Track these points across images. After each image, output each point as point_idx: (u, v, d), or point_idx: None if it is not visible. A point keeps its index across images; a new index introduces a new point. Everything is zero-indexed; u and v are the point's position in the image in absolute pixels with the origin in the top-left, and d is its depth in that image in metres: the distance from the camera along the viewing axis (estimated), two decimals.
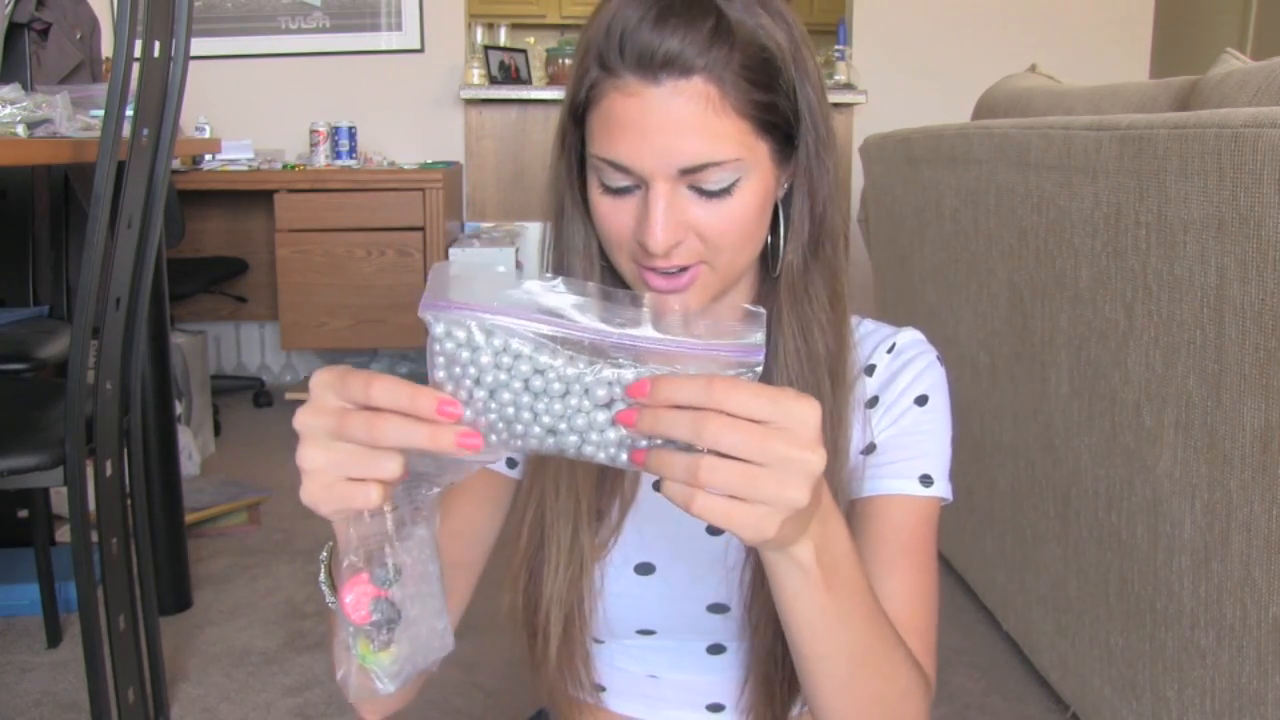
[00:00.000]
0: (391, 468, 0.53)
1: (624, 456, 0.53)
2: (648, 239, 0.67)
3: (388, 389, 0.52)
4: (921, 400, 0.80)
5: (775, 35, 0.68)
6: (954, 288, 1.98)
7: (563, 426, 0.53)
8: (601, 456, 0.53)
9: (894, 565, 0.76)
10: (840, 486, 0.76)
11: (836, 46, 3.96)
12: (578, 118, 0.71)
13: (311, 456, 0.53)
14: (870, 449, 0.79)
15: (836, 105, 3.80)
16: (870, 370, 0.81)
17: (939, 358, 0.82)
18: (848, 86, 3.79)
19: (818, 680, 0.66)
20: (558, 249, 0.77)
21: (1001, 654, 1.91)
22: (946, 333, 2.04)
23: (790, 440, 0.50)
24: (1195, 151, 1.15)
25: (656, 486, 0.53)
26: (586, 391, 0.52)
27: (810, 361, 0.75)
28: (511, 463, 0.85)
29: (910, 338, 0.82)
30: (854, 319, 0.81)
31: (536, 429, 0.53)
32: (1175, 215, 1.21)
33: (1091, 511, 1.49)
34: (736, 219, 0.69)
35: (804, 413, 0.51)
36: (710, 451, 0.50)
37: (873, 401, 0.80)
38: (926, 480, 0.79)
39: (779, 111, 0.69)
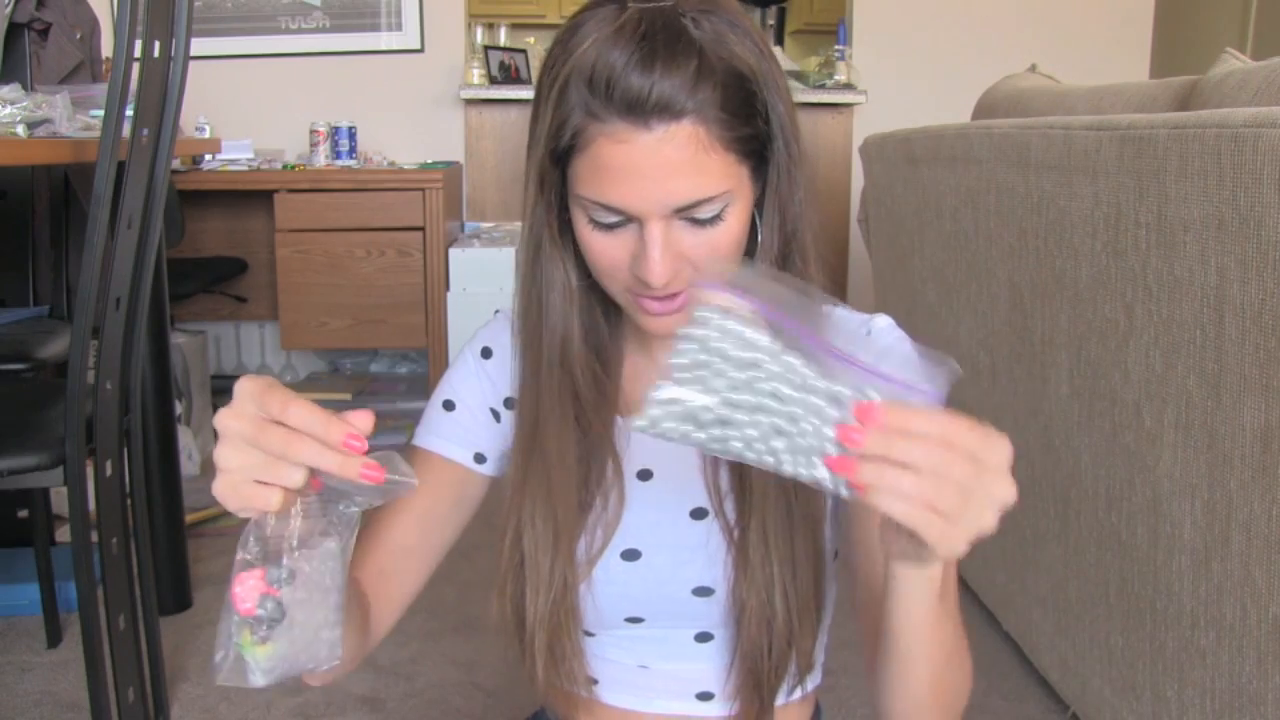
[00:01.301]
0: (295, 478, 0.58)
1: (820, 471, 0.55)
2: (648, 276, 0.70)
3: (303, 415, 0.57)
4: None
5: (747, 59, 0.70)
6: (954, 288, 1.98)
7: (774, 444, 0.55)
8: (800, 471, 0.56)
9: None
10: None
11: (836, 46, 3.96)
12: (558, 160, 0.72)
13: (227, 456, 0.59)
14: None
15: (836, 105, 3.80)
16: None
17: (913, 346, 0.85)
18: (848, 86, 3.79)
19: (914, 680, 0.70)
20: (533, 285, 0.79)
21: (1001, 654, 1.91)
22: (946, 333, 2.04)
23: (995, 473, 0.55)
24: (1195, 151, 1.15)
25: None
26: (814, 411, 0.55)
27: None
28: (480, 458, 0.87)
29: (884, 322, 0.84)
30: (826, 307, 0.83)
31: (751, 434, 0.55)
32: (1175, 215, 1.21)
33: (1091, 511, 1.49)
34: (726, 242, 0.72)
35: (1005, 449, 0.56)
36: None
37: None
38: None
39: (757, 138, 0.72)
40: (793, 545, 0.79)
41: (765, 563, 0.78)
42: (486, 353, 0.89)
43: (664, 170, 0.68)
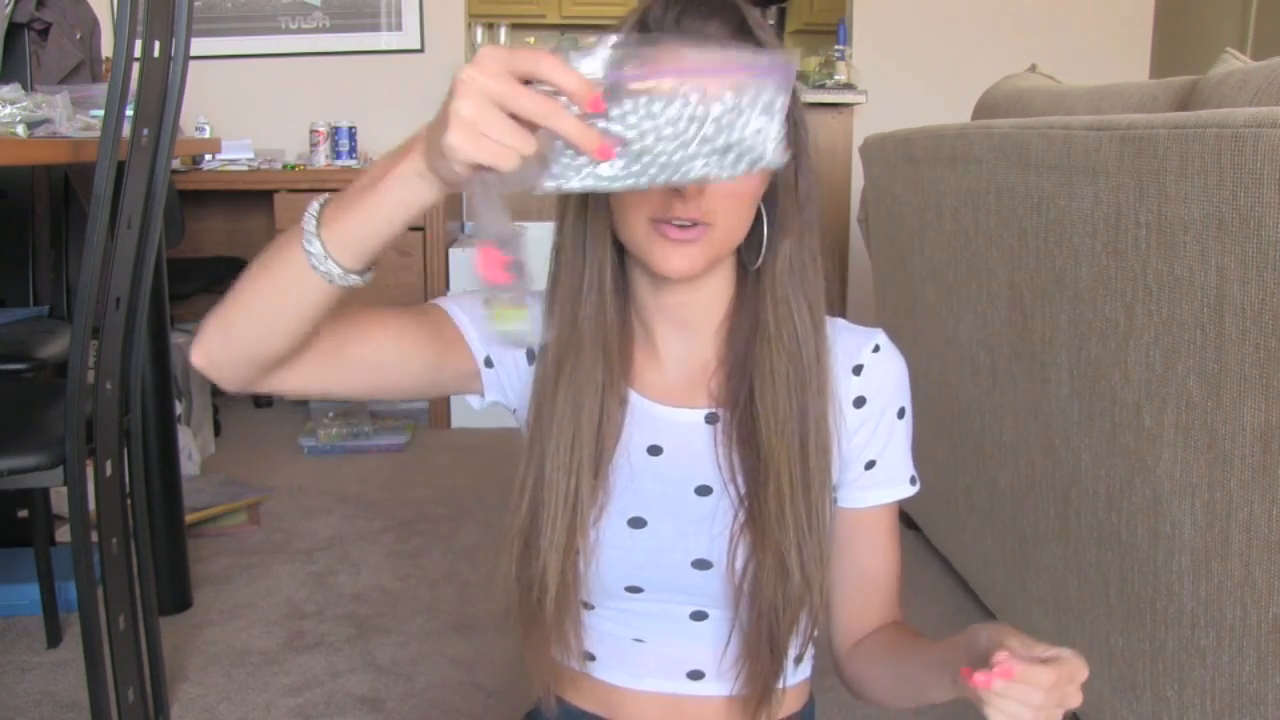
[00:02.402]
0: (531, 144, 0.58)
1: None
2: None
3: (558, 70, 0.57)
4: (901, 413, 0.91)
5: (775, 44, 0.79)
6: (954, 288, 1.98)
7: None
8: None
9: (887, 547, 0.94)
10: (824, 458, 0.86)
11: (836, 46, 3.96)
12: None
13: (467, 106, 0.57)
14: (870, 464, 0.90)
15: (836, 105, 3.80)
16: (858, 370, 0.89)
17: (905, 364, 0.94)
18: (848, 86, 3.79)
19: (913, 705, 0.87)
20: (574, 237, 0.84)
21: None
22: (946, 333, 2.04)
23: (1075, 691, 0.68)
24: (1195, 151, 1.15)
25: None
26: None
27: (791, 349, 0.83)
28: (489, 363, 0.90)
29: (885, 339, 0.92)
30: (828, 319, 0.90)
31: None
32: (1175, 215, 1.21)
33: (1091, 511, 1.49)
34: (734, 191, 0.78)
35: (1084, 674, 0.68)
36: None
37: (859, 401, 0.89)
38: (914, 480, 0.94)
39: None
40: (808, 504, 0.84)
41: (780, 523, 0.83)
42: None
43: None
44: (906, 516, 2.47)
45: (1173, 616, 1.28)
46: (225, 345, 0.75)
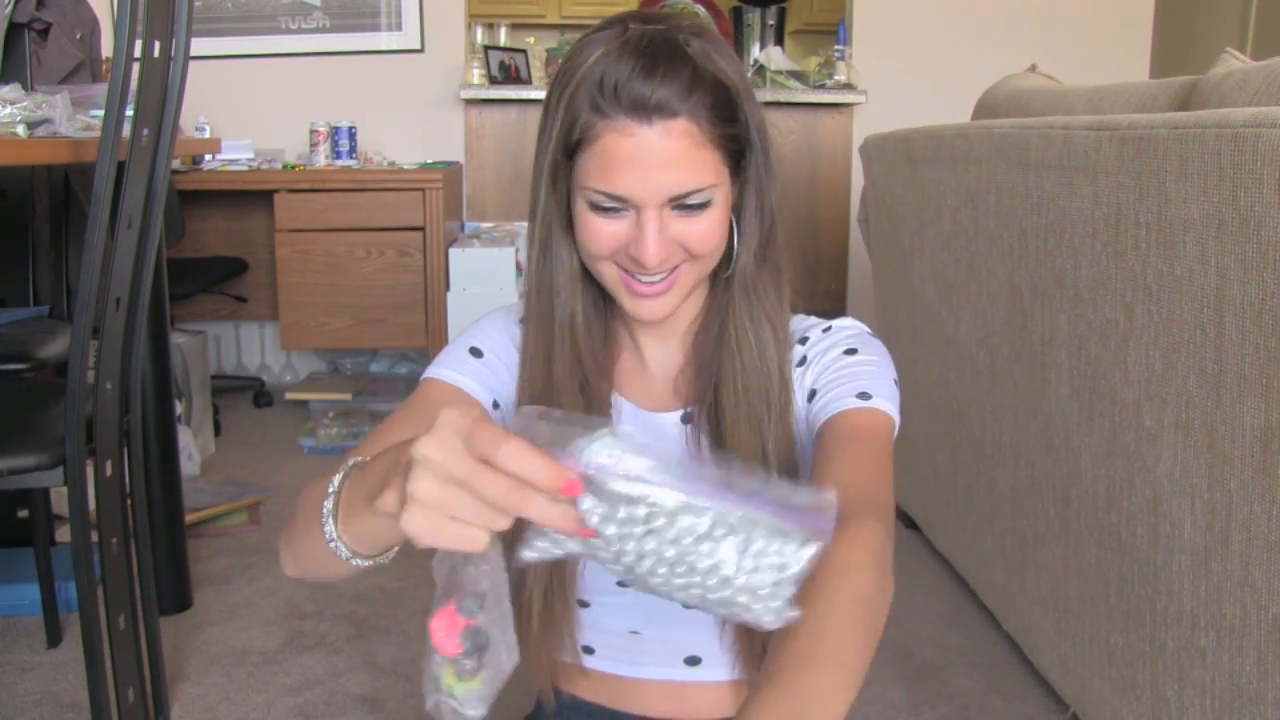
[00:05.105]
0: (505, 523, 0.53)
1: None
2: (644, 258, 0.79)
3: (519, 457, 0.52)
4: (850, 351, 0.88)
5: (730, 74, 0.80)
6: (954, 288, 1.98)
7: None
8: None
9: (847, 445, 0.81)
10: (784, 452, 0.86)
11: (836, 46, 3.96)
12: (569, 154, 0.81)
13: (426, 489, 0.52)
14: (811, 395, 0.87)
15: (836, 105, 3.80)
16: (804, 341, 0.90)
17: (872, 333, 0.91)
18: (848, 86, 3.79)
19: None
20: (544, 269, 0.87)
21: (1001, 654, 1.91)
22: (946, 333, 2.04)
23: None
24: (1195, 151, 1.15)
25: None
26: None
27: (759, 348, 0.86)
28: (497, 405, 0.91)
29: (846, 320, 0.92)
30: (795, 315, 0.92)
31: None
32: (1175, 215, 1.21)
33: (1091, 511, 1.49)
34: (711, 229, 0.81)
35: None
36: None
37: (801, 361, 0.89)
38: (864, 395, 0.84)
39: (739, 140, 0.82)
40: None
41: None
42: (523, 321, 0.93)
43: (664, 160, 0.77)
44: (906, 517, 2.47)
45: (1173, 616, 1.28)
46: (301, 570, 0.76)
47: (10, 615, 2.02)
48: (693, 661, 0.92)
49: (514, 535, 0.59)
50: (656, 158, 0.77)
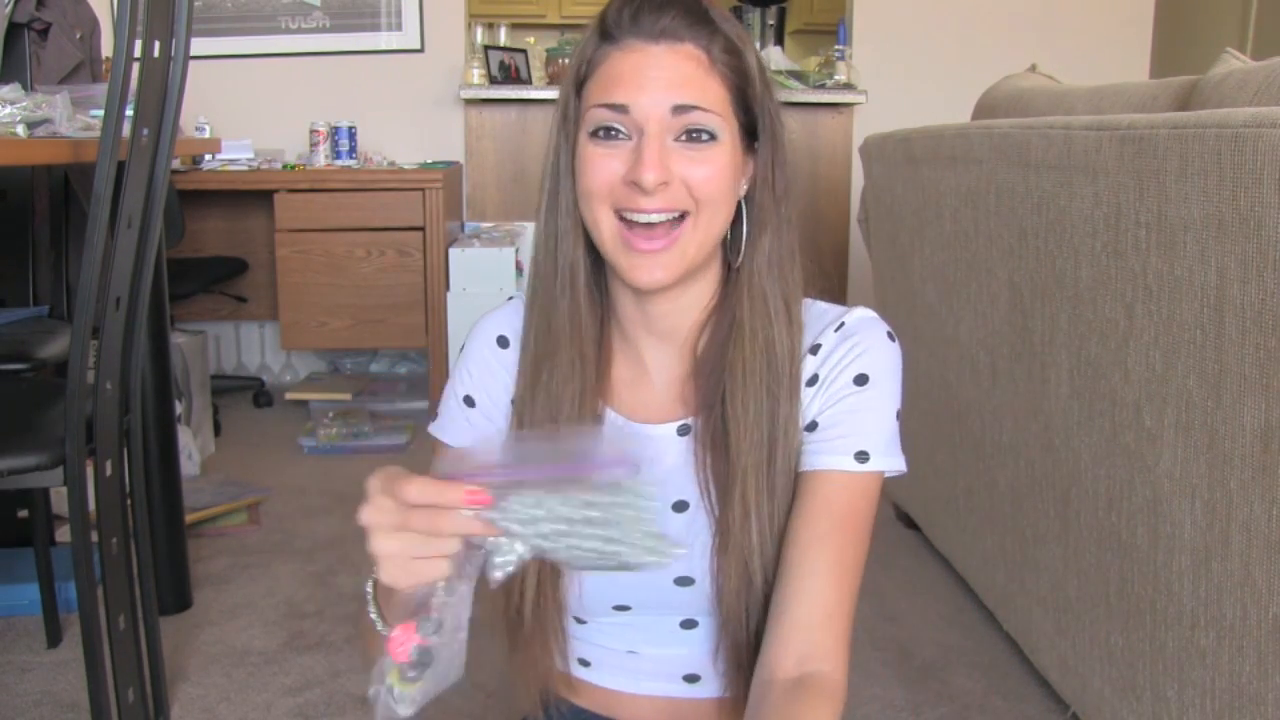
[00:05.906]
0: (453, 545, 0.63)
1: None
2: (642, 173, 0.76)
3: (422, 490, 0.62)
4: (861, 380, 0.83)
5: (748, 51, 0.80)
6: (954, 288, 1.98)
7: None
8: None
9: (825, 541, 0.80)
10: (791, 461, 0.83)
11: (836, 46, 3.96)
12: (579, 87, 0.81)
13: (383, 545, 0.63)
14: (812, 426, 0.84)
15: (836, 105, 3.80)
16: (815, 349, 0.85)
17: (890, 333, 0.86)
18: (848, 86, 3.79)
19: None
20: (549, 227, 0.85)
21: (1001, 654, 1.91)
22: (946, 333, 2.04)
23: None
24: (1195, 151, 1.15)
25: None
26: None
27: (766, 349, 0.82)
28: None
29: (859, 316, 0.86)
30: (805, 301, 0.88)
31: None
32: (1175, 215, 1.21)
33: (1091, 511, 1.49)
34: (716, 173, 0.78)
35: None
36: None
37: (812, 380, 0.84)
38: (862, 456, 0.82)
39: (749, 98, 0.80)
40: (771, 510, 0.82)
41: (744, 528, 0.81)
42: (503, 341, 0.91)
43: (668, 74, 0.77)
44: (906, 517, 2.47)
45: (1173, 616, 1.28)
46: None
47: (10, 615, 2.02)
48: (691, 679, 0.90)
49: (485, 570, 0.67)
50: (662, 72, 0.76)
